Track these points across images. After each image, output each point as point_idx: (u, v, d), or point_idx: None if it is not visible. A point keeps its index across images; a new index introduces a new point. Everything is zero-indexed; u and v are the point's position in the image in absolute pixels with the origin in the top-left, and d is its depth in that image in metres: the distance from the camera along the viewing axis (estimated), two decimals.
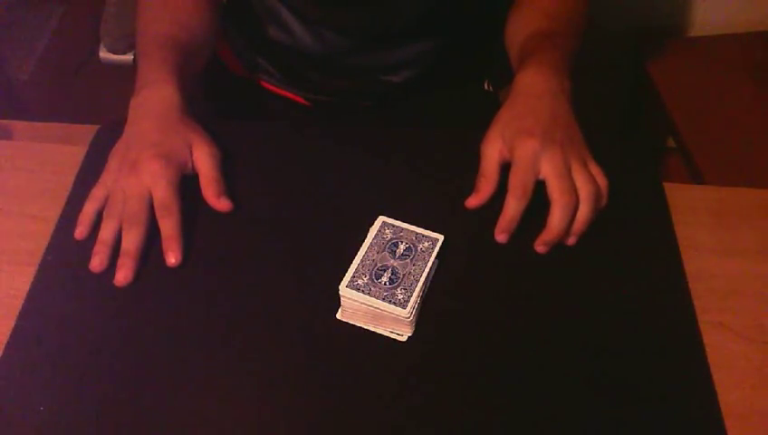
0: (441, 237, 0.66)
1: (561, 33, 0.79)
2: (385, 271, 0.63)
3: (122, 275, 0.64)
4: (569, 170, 0.67)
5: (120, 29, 1.03)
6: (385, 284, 0.62)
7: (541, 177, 0.67)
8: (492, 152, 0.70)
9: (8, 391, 0.59)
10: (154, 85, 0.72)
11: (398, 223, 0.67)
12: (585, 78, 0.74)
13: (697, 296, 0.65)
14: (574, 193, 0.66)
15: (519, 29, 0.83)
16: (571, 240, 0.68)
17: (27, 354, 0.61)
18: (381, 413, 0.58)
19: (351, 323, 0.63)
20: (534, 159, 0.66)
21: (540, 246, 0.67)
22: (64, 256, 0.67)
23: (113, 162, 0.70)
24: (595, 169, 0.68)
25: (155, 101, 0.71)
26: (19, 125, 0.83)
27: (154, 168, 0.67)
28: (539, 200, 0.66)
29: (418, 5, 0.86)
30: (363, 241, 0.65)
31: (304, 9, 0.88)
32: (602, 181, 0.68)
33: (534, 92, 0.72)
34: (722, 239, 0.71)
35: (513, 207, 0.66)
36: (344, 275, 0.63)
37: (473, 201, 0.70)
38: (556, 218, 0.66)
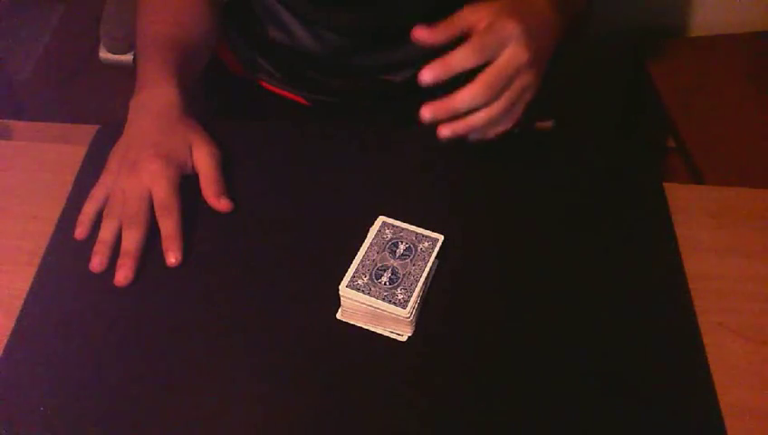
0: (441, 237, 0.66)
1: None
2: (385, 271, 0.63)
3: (122, 275, 0.64)
4: (516, 74, 0.63)
5: (120, 29, 1.03)
6: (385, 284, 0.62)
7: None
8: (469, 14, 0.65)
9: (8, 391, 0.59)
10: (154, 85, 0.72)
11: (398, 223, 0.67)
12: (585, 78, 0.74)
13: (697, 296, 0.65)
14: (500, 87, 0.62)
15: None
16: (446, 129, 0.64)
17: (27, 354, 0.61)
18: (381, 413, 0.58)
19: (351, 323, 0.63)
20: (505, 39, 0.63)
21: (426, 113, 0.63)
22: (64, 256, 0.67)
23: (113, 162, 0.70)
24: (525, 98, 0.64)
25: (155, 101, 0.71)
26: (19, 125, 0.83)
27: (154, 168, 0.67)
28: (543, 212, 0.66)
29: (418, 5, 0.86)
30: (363, 241, 0.65)
31: (303, 10, 0.88)
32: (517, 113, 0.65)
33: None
34: (722, 239, 0.71)
35: (460, 54, 0.62)
36: (344, 275, 0.63)
37: (420, 32, 0.66)
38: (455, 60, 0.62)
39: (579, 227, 0.68)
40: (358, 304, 0.62)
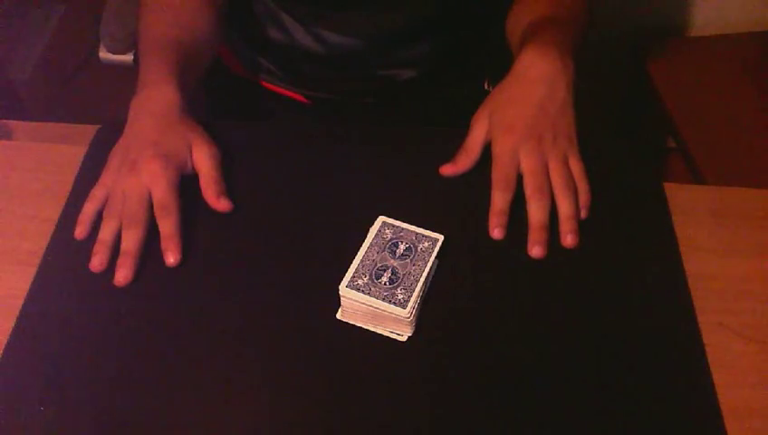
0: (441, 237, 0.66)
1: (565, 18, 0.79)
2: (385, 271, 0.63)
3: (122, 275, 0.64)
4: (545, 167, 0.67)
5: (120, 29, 1.03)
6: (385, 284, 0.62)
7: (520, 172, 0.68)
8: (478, 131, 0.71)
9: (8, 391, 0.59)
10: (154, 85, 0.72)
11: (398, 223, 0.67)
12: (585, 78, 0.74)
13: (697, 296, 0.65)
14: (547, 189, 0.67)
15: (521, 18, 0.83)
16: (568, 240, 0.67)
17: (27, 354, 0.61)
18: (381, 413, 0.58)
19: (351, 323, 0.63)
20: (513, 154, 0.68)
21: (532, 249, 0.67)
22: (64, 256, 0.67)
23: (113, 162, 0.70)
24: (575, 165, 0.69)
25: (155, 101, 0.71)
26: (19, 125, 0.83)
27: (153, 167, 0.67)
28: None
29: (418, 7, 0.86)
30: (363, 241, 0.65)
31: (302, 12, 0.88)
32: (580, 176, 0.69)
33: (530, 76, 0.71)
34: (722, 239, 0.71)
35: (499, 200, 0.68)
36: (344, 275, 0.63)
37: (447, 169, 0.72)
38: (532, 214, 0.67)
39: (579, 227, 0.68)
40: (358, 304, 0.62)
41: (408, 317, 0.61)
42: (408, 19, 0.87)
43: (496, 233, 0.67)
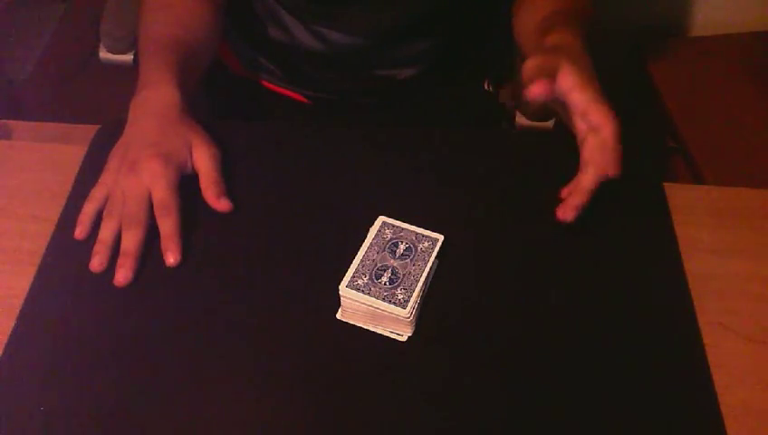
0: (441, 237, 0.66)
1: (576, 13, 0.79)
2: (385, 271, 0.63)
3: (122, 275, 0.64)
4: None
5: (120, 29, 1.03)
6: (385, 284, 0.62)
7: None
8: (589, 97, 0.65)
9: (8, 391, 0.59)
10: (154, 85, 0.72)
11: (398, 223, 0.67)
12: None
13: (697, 296, 0.65)
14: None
15: (531, 16, 0.82)
16: (571, 214, 0.64)
17: (27, 354, 0.61)
18: (381, 413, 0.58)
19: (351, 323, 0.63)
20: (613, 140, 0.63)
21: (569, 213, 0.63)
22: (64, 256, 0.67)
23: (113, 162, 0.70)
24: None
25: (155, 101, 0.71)
26: (19, 125, 0.83)
27: (153, 167, 0.67)
28: (542, 212, 0.66)
29: (418, 5, 0.86)
30: (363, 241, 0.65)
31: (302, 10, 0.88)
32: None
33: (583, 53, 0.69)
34: (722, 239, 0.71)
35: (592, 178, 0.63)
36: (344, 275, 0.63)
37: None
38: (587, 181, 0.63)
39: (579, 227, 0.68)
40: (358, 304, 0.62)
41: (408, 317, 0.61)
42: (408, 17, 0.87)
43: (570, 215, 0.63)
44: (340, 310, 0.63)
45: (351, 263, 0.63)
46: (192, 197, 0.70)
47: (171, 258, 0.66)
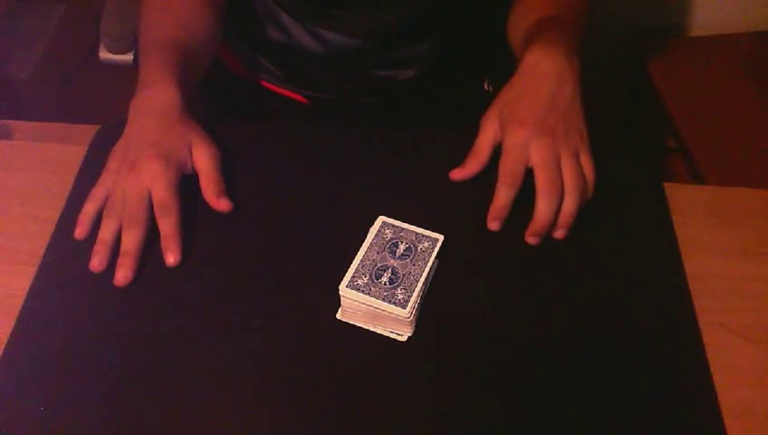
0: (441, 237, 0.66)
1: (567, 17, 0.79)
2: (385, 271, 0.63)
3: (122, 275, 0.65)
4: (557, 161, 0.67)
5: (120, 29, 1.03)
6: (385, 284, 0.62)
7: (530, 165, 0.67)
8: (487, 132, 0.71)
9: (8, 391, 0.59)
10: (154, 85, 0.72)
11: (398, 223, 0.67)
12: (585, 78, 0.74)
13: (697, 296, 0.65)
14: (559, 184, 0.66)
15: (523, 18, 0.83)
16: (559, 233, 0.68)
17: (27, 354, 0.61)
18: (381, 413, 0.58)
19: (351, 323, 0.63)
20: (523, 148, 0.67)
21: (529, 238, 0.68)
22: (64, 256, 0.67)
23: (113, 162, 0.70)
24: (586, 162, 0.68)
25: (155, 101, 0.71)
26: (19, 125, 0.83)
27: (153, 167, 0.67)
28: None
29: (417, 7, 0.86)
30: (363, 241, 0.65)
31: (302, 11, 0.88)
32: (590, 174, 0.68)
33: (538, 73, 0.71)
34: (722, 239, 0.71)
35: (503, 195, 0.67)
36: (344, 275, 0.63)
37: (456, 174, 0.72)
38: (540, 209, 0.66)
39: (579, 227, 0.68)
40: (358, 304, 0.62)
41: (408, 317, 0.61)
42: (407, 18, 0.87)
43: (494, 225, 0.68)
44: (340, 310, 0.63)
45: (351, 263, 0.63)
46: (192, 197, 0.70)
47: (171, 258, 0.66)
